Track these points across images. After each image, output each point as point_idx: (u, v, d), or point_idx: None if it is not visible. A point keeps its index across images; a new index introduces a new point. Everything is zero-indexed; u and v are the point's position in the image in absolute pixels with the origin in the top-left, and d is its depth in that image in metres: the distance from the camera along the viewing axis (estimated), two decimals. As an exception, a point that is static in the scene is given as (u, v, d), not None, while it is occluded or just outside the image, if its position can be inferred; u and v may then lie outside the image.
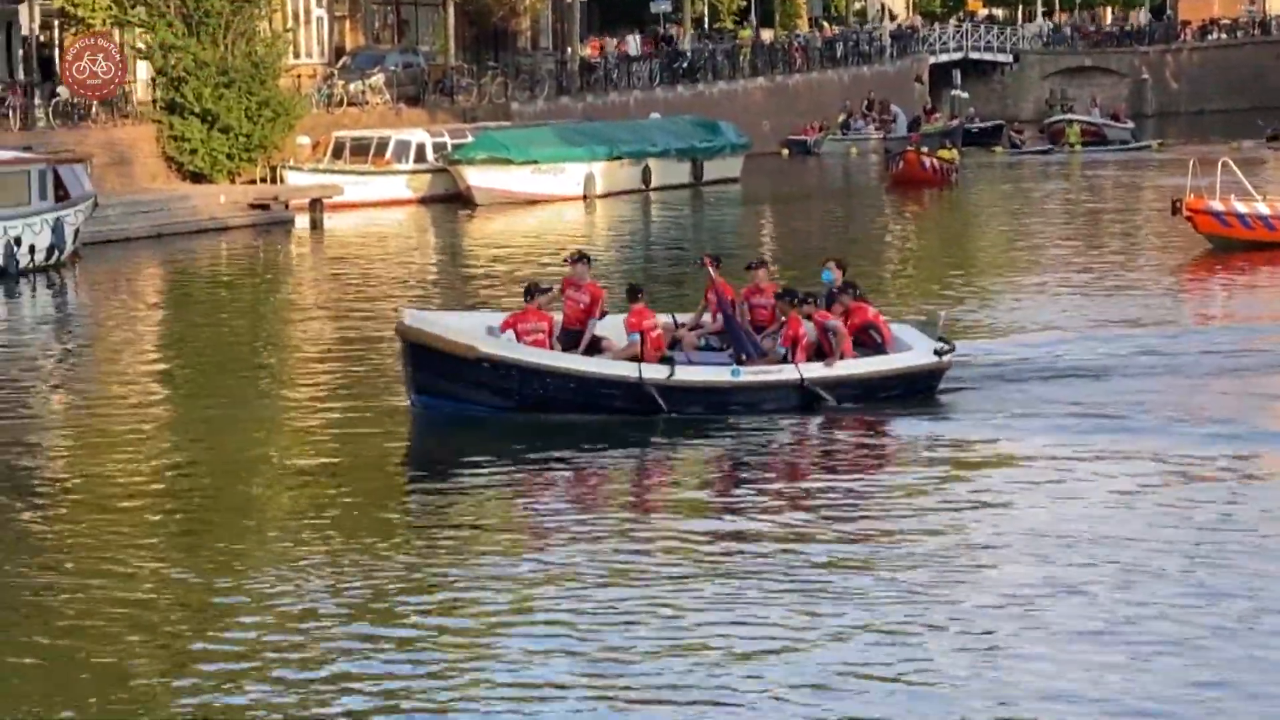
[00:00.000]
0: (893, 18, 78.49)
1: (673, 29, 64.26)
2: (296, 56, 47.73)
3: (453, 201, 42.47)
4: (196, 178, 40.38)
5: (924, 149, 48.12)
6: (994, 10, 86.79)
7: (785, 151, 58.14)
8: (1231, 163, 30.46)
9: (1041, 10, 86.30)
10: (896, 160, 47.27)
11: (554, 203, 42.66)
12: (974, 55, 74.09)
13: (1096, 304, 25.11)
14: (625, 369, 16.92)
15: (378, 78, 46.92)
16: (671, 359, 17.26)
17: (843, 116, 61.18)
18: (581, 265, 17.69)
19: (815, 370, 17.24)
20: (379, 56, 50.06)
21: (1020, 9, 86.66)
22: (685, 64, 57.48)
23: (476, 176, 42.54)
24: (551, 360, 16.95)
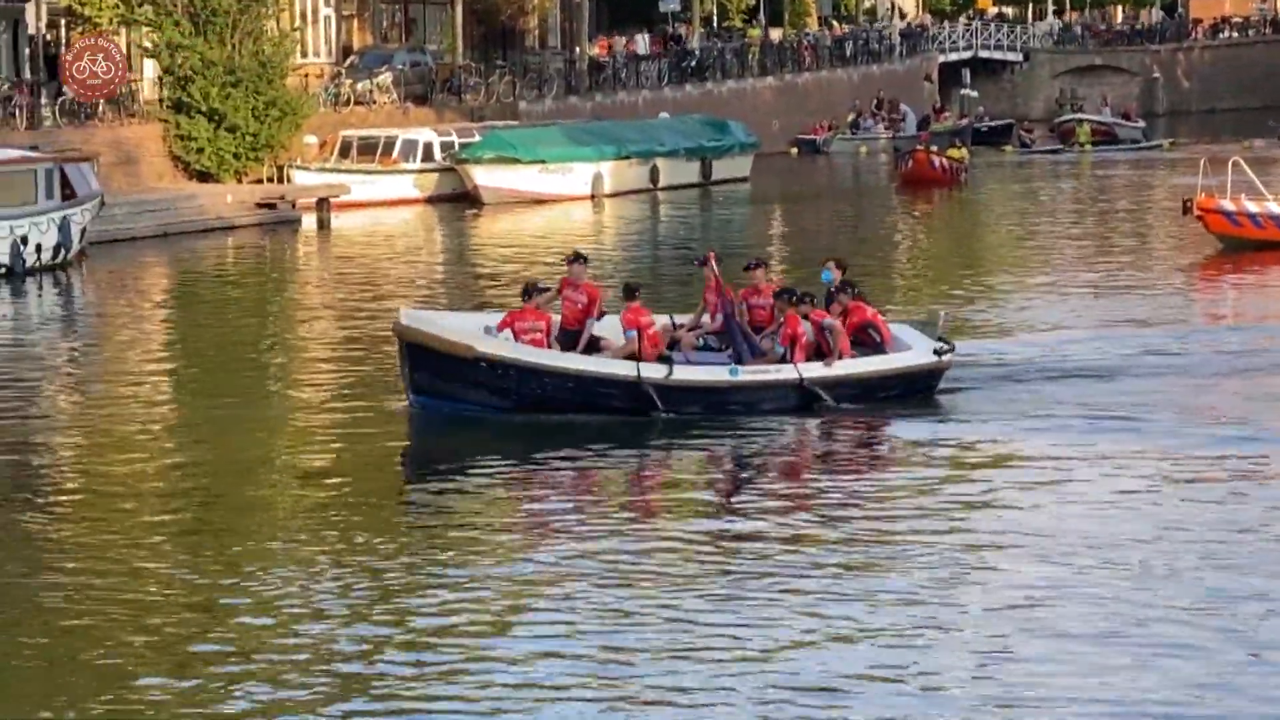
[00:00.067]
0: (902, 16, 78.35)
1: (681, 28, 64.16)
2: (304, 55, 47.71)
3: (460, 201, 42.44)
4: (203, 177, 40.36)
5: (933, 148, 48.03)
6: (1004, 9, 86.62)
7: (794, 151, 58.05)
8: (1243, 162, 30.40)
9: (1052, 8, 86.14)
10: (906, 159, 47.18)
11: (562, 202, 42.61)
12: (984, 54, 73.95)
13: (1106, 304, 25.09)
14: (623, 368, 16.85)
15: (385, 77, 46.88)
16: (670, 358, 17.20)
17: (852, 116, 61.09)
18: (579, 265, 17.65)
19: (814, 370, 17.16)
20: (386, 56, 49.98)
21: (1030, 7, 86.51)
22: (694, 63, 57.39)
23: (484, 176, 42.48)
24: (549, 360, 16.89)
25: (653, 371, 16.83)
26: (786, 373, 17.10)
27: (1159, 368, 19.59)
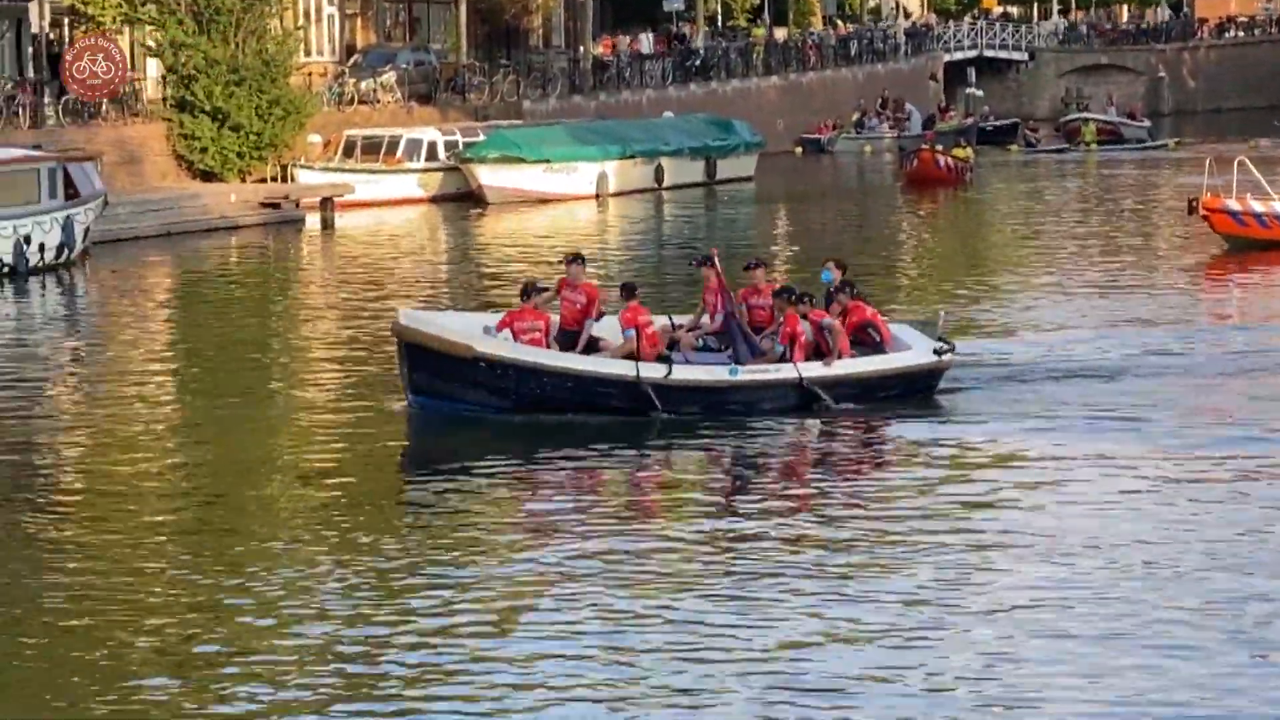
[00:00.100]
0: (907, 15, 78.28)
1: (686, 27, 64.11)
2: (307, 54, 47.66)
3: (464, 200, 42.39)
4: (207, 176, 40.33)
5: (938, 147, 47.98)
6: (1009, 8, 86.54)
7: (799, 150, 57.99)
8: (1248, 161, 30.36)
9: (1057, 8, 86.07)
10: (911, 159, 47.13)
11: (566, 202, 42.56)
12: (989, 53, 73.90)
13: (1111, 304, 25.04)
14: (622, 368, 16.79)
15: (389, 76, 46.83)
16: (669, 358, 17.14)
17: (857, 115, 61.02)
18: (577, 266, 17.61)
19: (814, 369, 17.10)
20: (390, 54, 49.93)
21: (1036, 6, 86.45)
22: (698, 62, 57.33)
23: (488, 175, 42.43)
24: (548, 359, 16.83)
25: (652, 371, 16.77)
26: (786, 372, 17.04)
27: (1164, 368, 19.54)
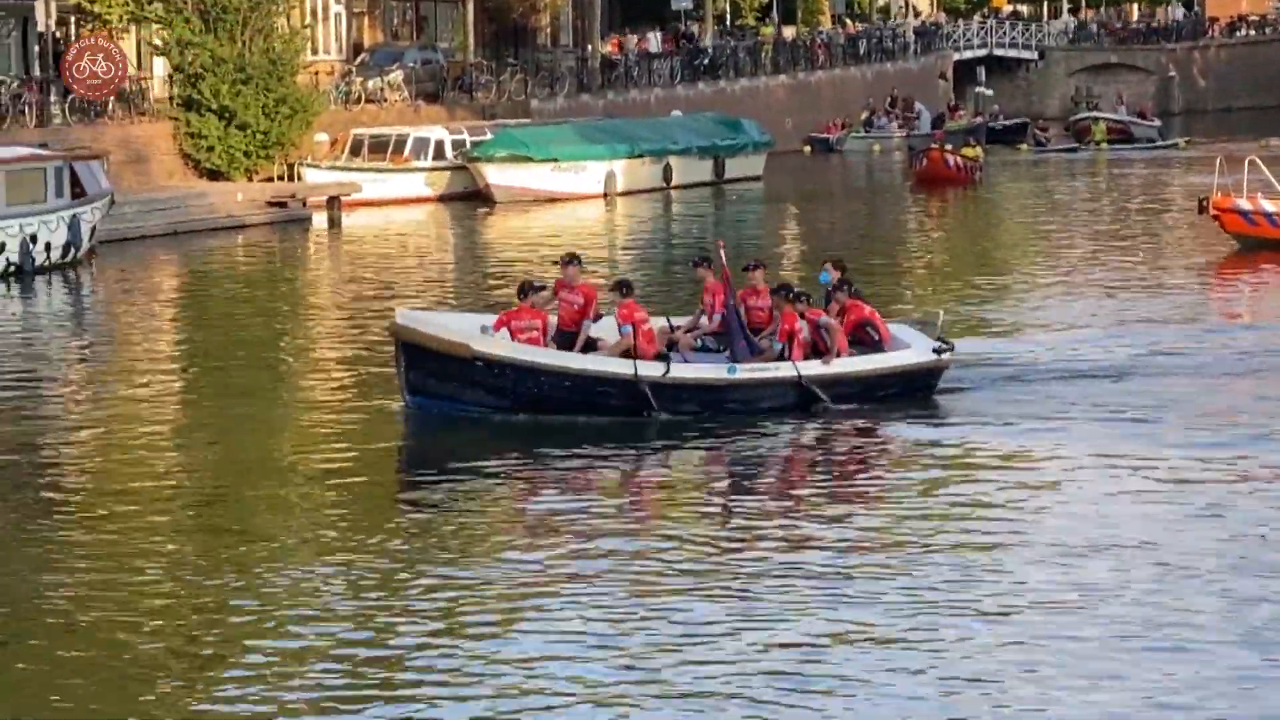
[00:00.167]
0: (916, 14, 78.13)
1: (694, 26, 64.04)
2: (314, 53, 47.62)
3: (472, 199, 42.36)
4: (214, 175, 40.31)
5: (948, 147, 47.87)
6: (1019, 6, 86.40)
7: (808, 149, 57.89)
8: (1259, 161, 30.31)
9: (1067, 6, 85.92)
10: (920, 158, 47.02)
11: (574, 201, 42.50)
12: (999, 52, 73.81)
13: (1121, 303, 24.99)
14: (621, 366, 16.70)
15: (396, 74, 46.78)
16: (667, 356, 17.06)
17: (866, 114, 60.93)
18: (573, 267, 17.57)
19: (812, 368, 17.03)
20: (397, 53, 49.90)
21: (1046, 5, 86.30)
22: (707, 61, 57.25)
23: (496, 174, 42.36)
24: (546, 358, 16.77)
25: (650, 370, 16.68)
26: (785, 370, 16.97)
27: (1174, 367, 19.48)
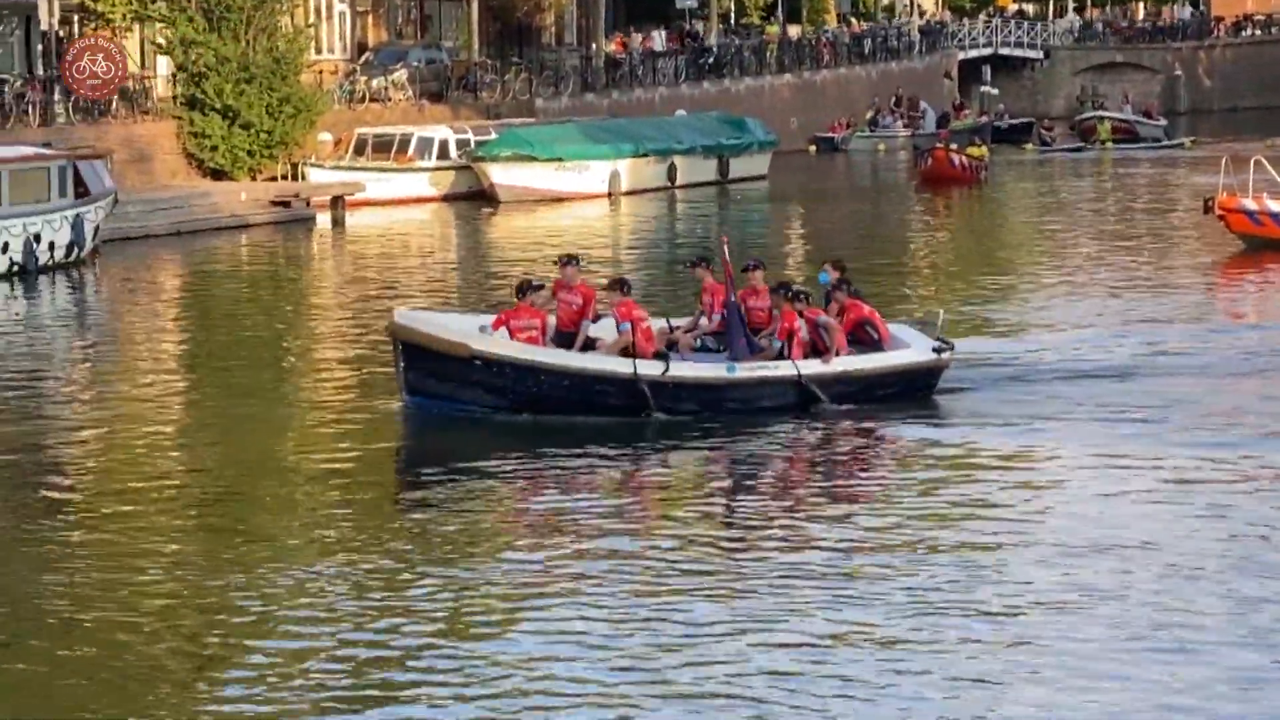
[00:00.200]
0: (921, 13, 78.05)
1: (699, 24, 63.98)
2: (318, 52, 47.58)
3: (476, 199, 42.31)
4: (217, 174, 40.27)
5: (953, 146, 47.80)
6: (1024, 5, 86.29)
7: (813, 148, 57.83)
8: (1265, 161, 30.26)
9: (1073, 5, 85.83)
10: (925, 157, 46.95)
11: (578, 200, 42.44)
12: (1004, 51, 73.75)
13: (1126, 303, 24.96)
14: (620, 365, 16.64)
15: (400, 74, 46.74)
16: (666, 355, 16.99)
17: (871, 113, 60.87)
18: (571, 268, 17.53)
19: (812, 366, 16.97)
20: (402, 52, 49.84)
21: (1051, 4, 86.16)
22: (711, 60, 57.18)
23: (500, 174, 42.30)
24: (545, 357, 16.72)
25: (649, 368, 16.62)
26: (784, 369, 16.91)
27: (1179, 368, 19.44)
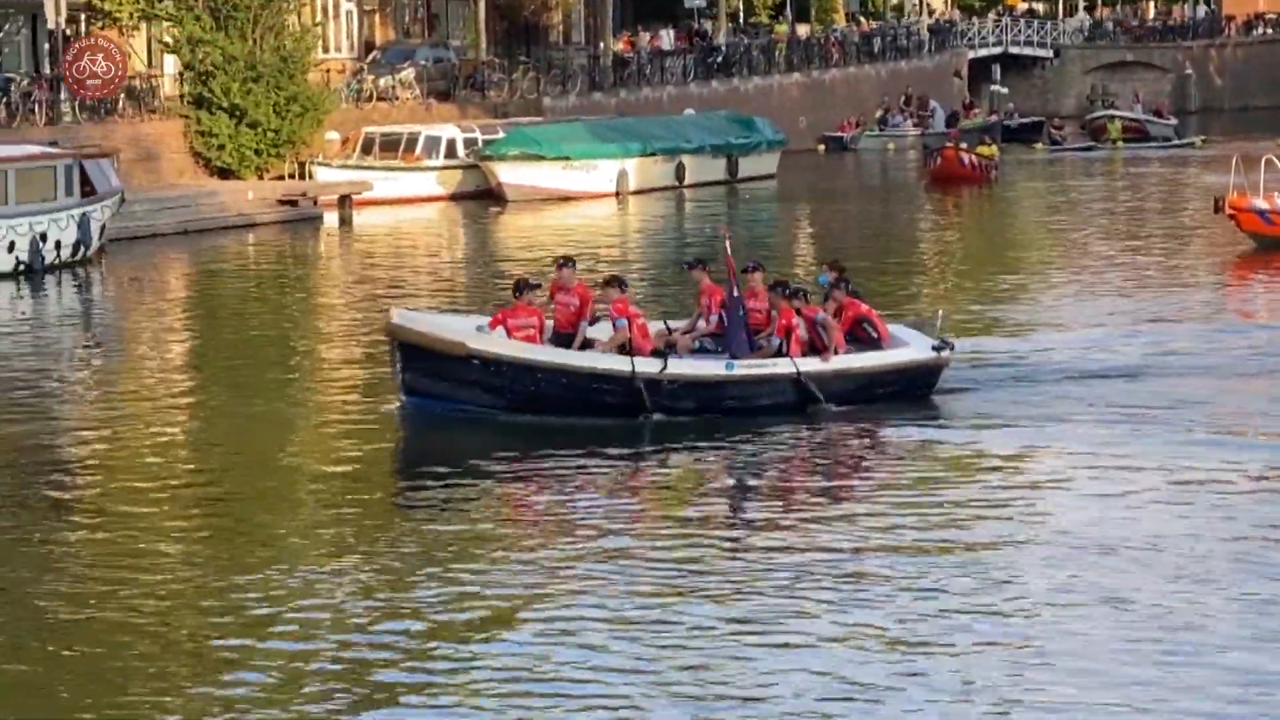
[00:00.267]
0: (931, 12, 77.90)
1: (707, 23, 63.89)
2: (325, 51, 47.55)
3: (484, 198, 42.26)
4: (224, 173, 40.22)
5: (963, 145, 47.66)
6: (1034, 4, 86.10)
7: (822, 148, 57.69)
8: (1276, 160, 30.17)
9: (1083, 4, 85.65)
10: (935, 157, 46.81)
11: (586, 200, 42.36)
12: (1014, 50, 73.59)
13: (1136, 303, 24.92)
14: (617, 363, 16.55)
15: (408, 72, 46.67)
16: (664, 353, 16.90)
17: (880, 112, 60.73)
18: (568, 269, 17.51)
19: (811, 364, 16.90)
20: (409, 51, 49.81)
21: (1061, 3, 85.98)
22: (720, 59, 57.08)
23: (508, 173, 42.21)
24: (542, 355, 16.66)
25: (647, 366, 16.52)
26: (783, 367, 16.83)
27: (1189, 368, 19.36)
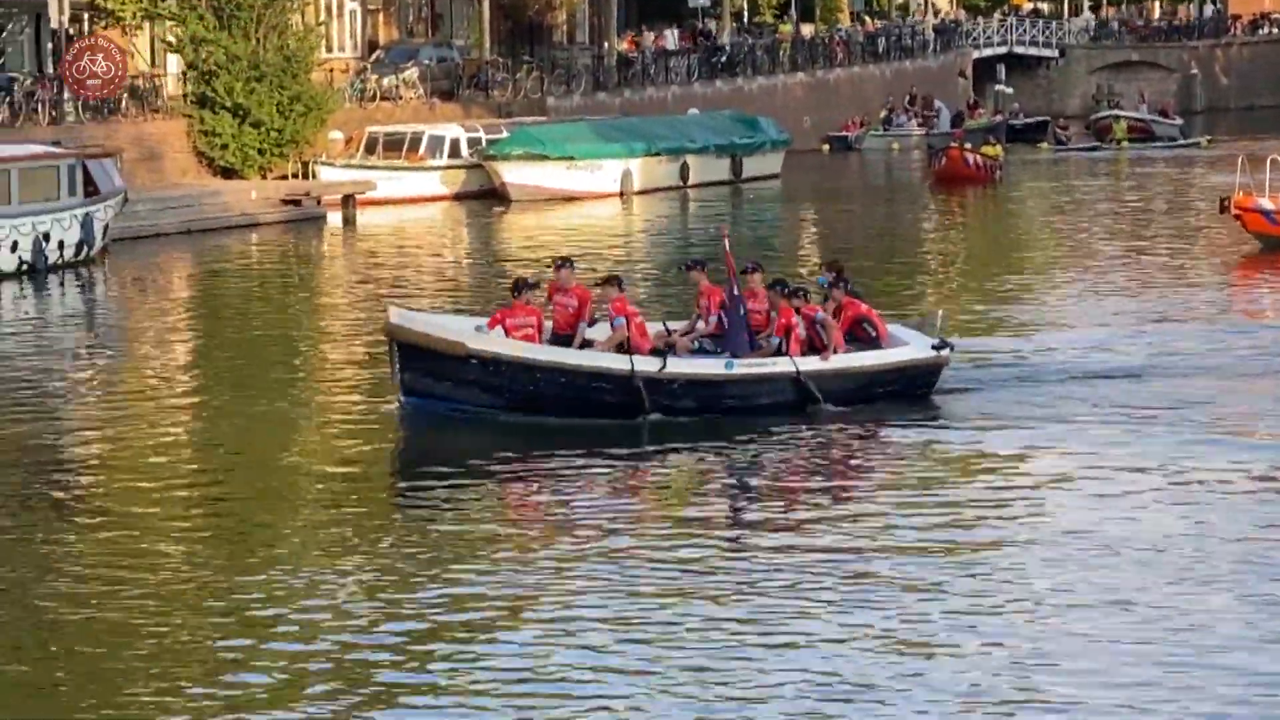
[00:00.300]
0: (936, 11, 77.79)
1: (711, 23, 63.82)
2: (329, 50, 47.49)
3: (487, 198, 42.21)
4: (227, 173, 40.18)
5: (967, 145, 47.59)
6: (1039, 4, 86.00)
7: (826, 148, 57.61)
8: (1281, 159, 30.02)
9: (1088, 4, 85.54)
10: (939, 157, 46.73)
11: (590, 200, 42.30)
12: (1019, 50, 73.51)
13: (1141, 303, 24.90)
14: (617, 361, 16.50)
15: (411, 72, 46.63)
16: (664, 352, 16.84)
17: (885, 112, 60.66)
18: (566, 271, 17.49)
19: (811, 363, 16.86)
20: (413, 50, 49.76)
21: (1066, 2, 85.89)
22: (724, 59, 57.01)
23: (511, 173, 42.15)
24: (541, 354, 16.62)
25: (647, 364, 16.46)
26: (782, 365, 16.79)
27: (1194, 368, 19.30)
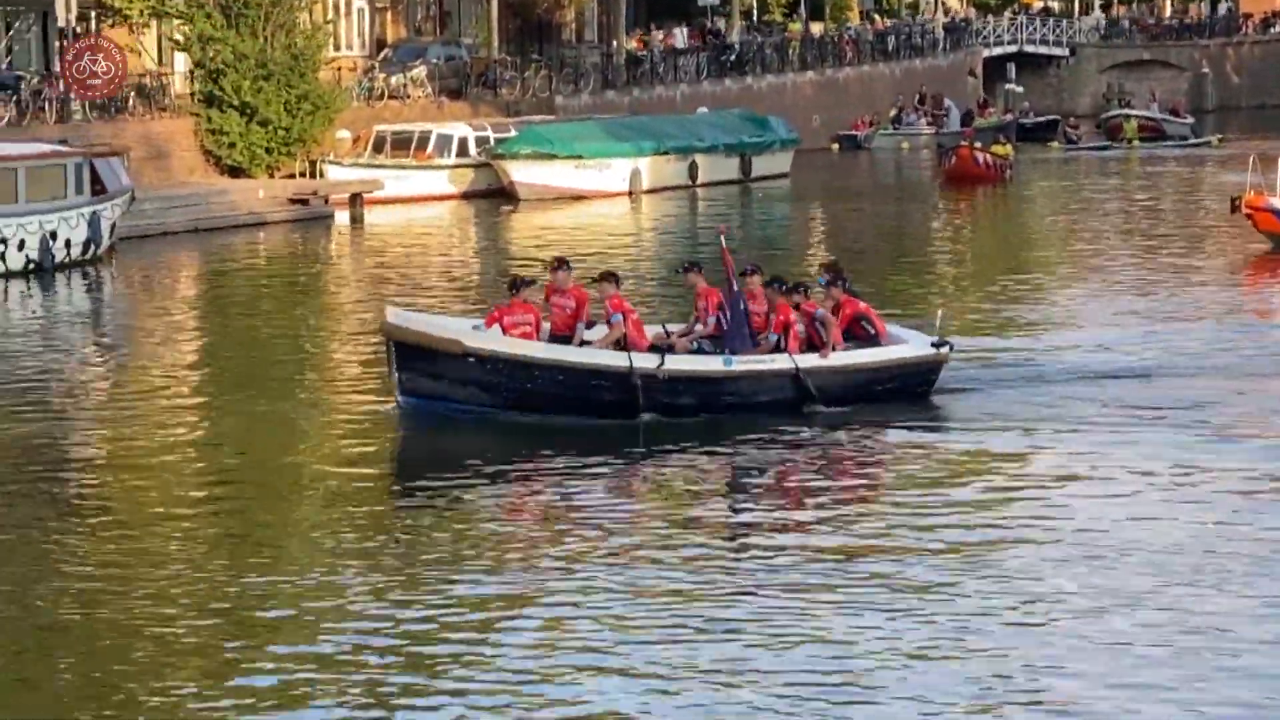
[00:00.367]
0: (946, 10, 77.65)
1: (720, 21, 63.74)
2: (337, 49, 47.48)
3: (495, 197, 42.17)
4: (235, 172, 40.15)
5: (977, 144, 47.43)
6: (1050, 2, 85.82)
7: (835, 146, 57.52)
8: (1292, 158, 29.96)
9: (1099, 2, 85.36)
10: (949, 155, 46.61)
11: (599, 199, 42.24)
12: (1029, 48, 73.37)
13: (1151, 303, 24.85)
14: (615, 358, 16.43)
15: (419, 70, 46.58)
16: (662, 350, 16.77)
17: (894, 111, 60.55)
18: (563, 272, 17.44)
19: (810, 360, 16.80)
20: (421, 49, 49.72)
21: (1077, 1, 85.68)
22: (733, 57, 56.94)
23: (520, 171, 42.08)
24: (539, 352, 16.56)
25: (645, 362, 16.39)
26: (781, 363, 16.72)
27: (1204, 368, 19.24)
